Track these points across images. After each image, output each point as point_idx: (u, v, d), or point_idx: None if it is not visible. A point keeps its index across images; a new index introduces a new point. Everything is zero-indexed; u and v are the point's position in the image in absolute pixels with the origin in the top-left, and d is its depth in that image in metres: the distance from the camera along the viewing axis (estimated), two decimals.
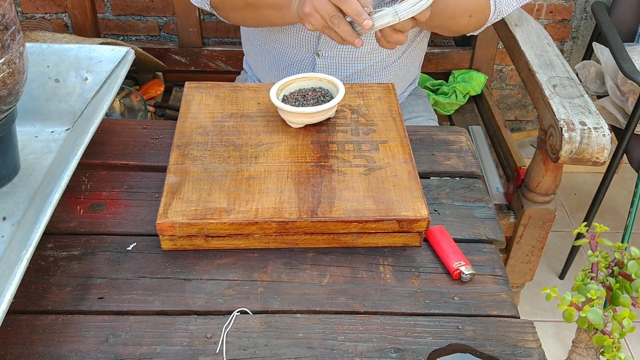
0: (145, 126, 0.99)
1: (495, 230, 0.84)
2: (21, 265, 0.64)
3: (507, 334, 0.71)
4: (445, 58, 1.84)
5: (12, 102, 0.79)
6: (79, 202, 0.86)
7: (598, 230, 0.65)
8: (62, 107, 0.94)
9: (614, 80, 1.67)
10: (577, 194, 2.18)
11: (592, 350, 0.64)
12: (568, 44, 2.08)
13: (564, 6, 1.99)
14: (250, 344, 0.69)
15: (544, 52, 1.33)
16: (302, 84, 0.94)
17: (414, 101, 1.36)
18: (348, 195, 0.80)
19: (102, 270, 0.77)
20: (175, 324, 0.71)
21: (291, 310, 0.73)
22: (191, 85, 0.99)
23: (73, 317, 0.71)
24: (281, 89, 0.92)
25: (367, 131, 0.91)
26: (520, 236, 1.35)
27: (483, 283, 0.77)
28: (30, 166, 0.87)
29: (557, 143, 1.14)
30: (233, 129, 0.91)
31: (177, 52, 1.77)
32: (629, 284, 0.61)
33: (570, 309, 0.60)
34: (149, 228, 0.82)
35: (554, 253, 1.96)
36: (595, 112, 1.16)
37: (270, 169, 0.84)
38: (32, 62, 0.93)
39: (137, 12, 1.90)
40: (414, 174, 0.84)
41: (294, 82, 0.93)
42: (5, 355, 0.67)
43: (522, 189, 1.33)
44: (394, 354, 0.69)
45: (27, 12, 1.89)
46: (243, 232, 0.78)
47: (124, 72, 0.93)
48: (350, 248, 0.81)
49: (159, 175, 0.89)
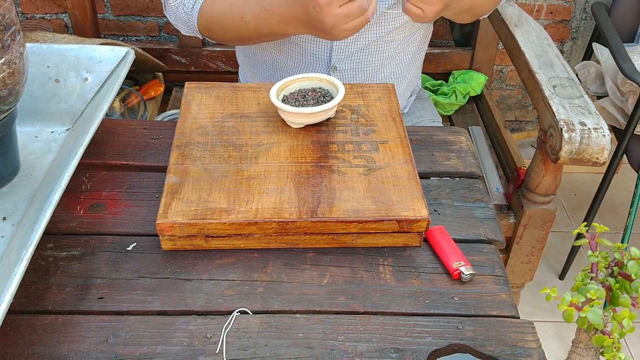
0: (145, 126, 0.99)
1: (495, 231, 0.85)
2: (21, 265, 0.64)
3: (507, 334, 0.71)
4: (445, 58, 1.84)
5: (12, 102, 0.79)
6: (79, 202, 0.86)
7: (598, 230, 0.65)
8: (62, 107, 0.94)
9: (613, 81, 1.67)
10: (577, 194, 2.18)
11: (592, 351, 0.64)
12: (568, 44, 2.08)
13: (564, 7, 1.99)
14: (250, 344, 0.69)
15: (544, 53, 1.33)
16: (302, 84, 0.93)
17: (420, 105, 1.36)
18: (348, 196, 0.80)
19: (102, 270, 0.77)
20: (175, 324, 0.71)
21: (291, 311, 0.73)
22: (191, 85, 0.99)
23: (73, 317, 0.71)
24: (281, 89, 0.92)
25: (367, 131, 0.91)
26: (520, 236, 1.35)
27: (483, 283, 0.77)
28: (30, 166, 0.87)
29: (557, 143, 1.14)
30: (233, 129, 0.91)
31: (177, 53, 1.77)
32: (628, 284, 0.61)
33: (570, 309, 0.60)
34: (149, 228, 0.82)
35: (554, 253, 1.97)
36: (595, 112, 1.16)
37: (270, 169, 0.84)
38: (32, 63, 0.93)
39: (137, 13, 1.90)
40: (414, 174, 0.84)
41: (294, 83, 0.93)
42: (5, 355, 0.67)
43: (522, 190, 1.33)
44: (394, 354, 0.69)
45: (27, 12, 1.89)
46: (243, 232, 0.78)
47: (124, 72, 0.93)
48: (350, 248, 0.81)
49: (159, 175, 0.89)
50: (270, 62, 1.18)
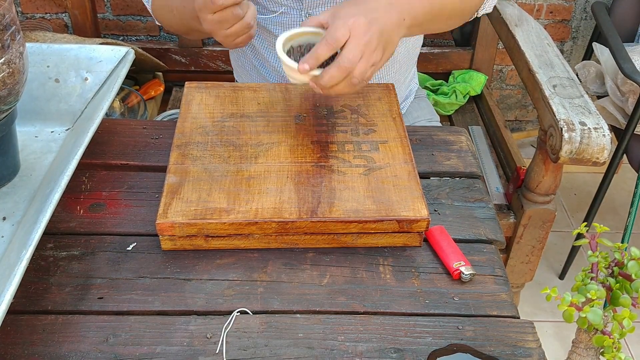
0: (145, 126, 0.99)
1: (495, 231, 0.84)
2: (21, 265, 0.64)
3: (507, 334, 0.71)
4: (445, 58, 1.84)
5: (12, 102, 0.79)
6: (79, 202, 0.86)
7: (598, 230, 0.65)
8: (62, 107, 0.94)
9: (613, 81, 1.67)
10: (577, 194, 2.18)
11: (592, 351, 0.64)
12: (568, 44, 2.08)
13: (564, 6, 1.99)
14: (250, 344, 0.69)
15: (544, 52, 1.33)
16: (312, 37, 0.85)
17: (417, 104, 1.35)
18: (348, 196, 0.80)
19: (102, 270, 0.77)
20: (175, 324, 0.71)
21: (291, 311, 0.73)
22: (191, 85, 0.99)
23: (73, 317, 0.71)
24: (289, 40, 0.85)
25: (367, 131, 0.91)
26: (520, 236, 1.35)
27: (483, 283, 0.77)
28: (30, 166, 0.87)
29: (557, 143, 1.14)
30: (233, 129, 0.91)
31: (177, 52, 1.77)
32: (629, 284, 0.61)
33: (570, 309, 0.60)
34: (149, 228, 0.82)
35: (554, 253, 1.96)
36: (595, 112, 1.16)
37: (270, 169, 0.84)
38: (32, 62, 0.93)
39: (137, 12, 1.90)
40: (413, 174, 0.84)
41: (304, 36, 0.85)
42: (5, 355, 0.67)
43: (522, 189, 1.33)
44: (394, 354, 0.69)
45: (27, 12, 1.89)
46: (243, 232, 0.78)
47: (124, 72, 0.93)
48: (350, 248, 0.81)
49: (159, 175, 0.89)
50: (256, 62, 1.18)
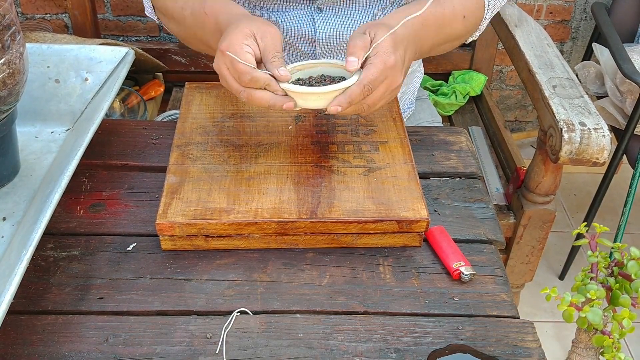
0: (145, 126, 0.99)
1: (495, 231, 0.85)
2: (21, 265, 0.65)
3: (507, 334, 0.71)
4: (445, 58, 1.84)
5: (12, 102, 0.79)
6: (79, 202, 0.86)
7: (598, 230, 0.65)
8: (62, 107, 0.94)
9: (613, 81, 1.68)
10: (577, 194, 2.18)
11: (592, 351, 0.64)
12: (568, 44, 2.08)
13: (564, 7, 1.99)
14: (250, 344, 0.69)
15: (544, 53, 1.33)
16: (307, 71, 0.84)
17: (419, 106, 1.35)
18: (348, 196, 0.80)
19: (102, 271, 0.77)
20: (175, 324, 0.71)
21: (291, 311, 0.73)
22: (191, 85, 0.99)
23: (73, 317, 0.71)
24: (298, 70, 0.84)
25: (367, 131, 0.91)
26: (520, 237, 1.35)
27: (483, 283, 0.77)
28: (30, 166, 0.87)
29: (557, 144, 1.14)
30: (233, 129, 0.91)
31: (177, 53, 1.77)
32: (628, 284, 0.62)
33: (570, 309, 0.60)
34: (149, 228, 0.82)
35: (553, 253, 1.96)
36: (595, 112, 1.16)
37: (270, 169, 0.84)
38: (32, 63, 0.93)
39: (137, 13, 1.90)
40: (413, 174, 0.84)
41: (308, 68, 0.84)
42: (5, 355, 0.67)
43: (522, 190, 1.33)
44: (394, 354, 0.69)
45: (27, 12, 1.89)
46: (243, 233, 0.78)
47: (124, 72, 0.93)
48: (350, 248, 0.81)
49: (159, 176, 0.89)
50: None
